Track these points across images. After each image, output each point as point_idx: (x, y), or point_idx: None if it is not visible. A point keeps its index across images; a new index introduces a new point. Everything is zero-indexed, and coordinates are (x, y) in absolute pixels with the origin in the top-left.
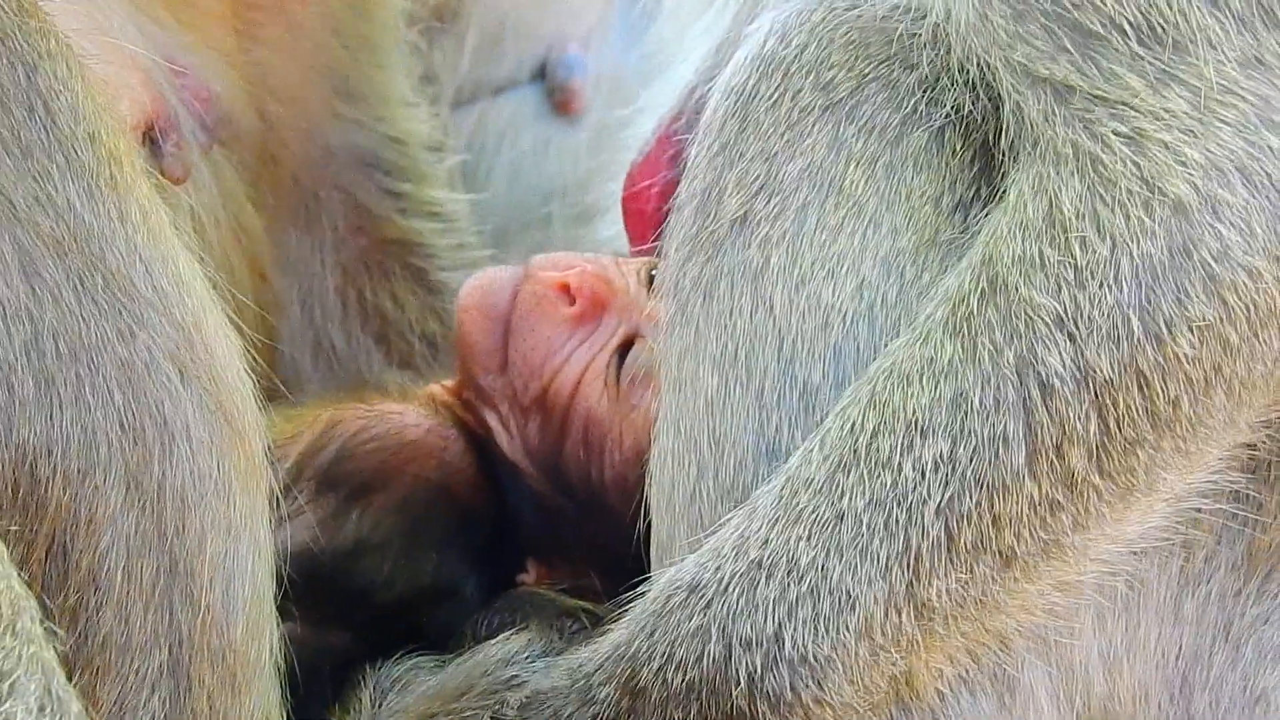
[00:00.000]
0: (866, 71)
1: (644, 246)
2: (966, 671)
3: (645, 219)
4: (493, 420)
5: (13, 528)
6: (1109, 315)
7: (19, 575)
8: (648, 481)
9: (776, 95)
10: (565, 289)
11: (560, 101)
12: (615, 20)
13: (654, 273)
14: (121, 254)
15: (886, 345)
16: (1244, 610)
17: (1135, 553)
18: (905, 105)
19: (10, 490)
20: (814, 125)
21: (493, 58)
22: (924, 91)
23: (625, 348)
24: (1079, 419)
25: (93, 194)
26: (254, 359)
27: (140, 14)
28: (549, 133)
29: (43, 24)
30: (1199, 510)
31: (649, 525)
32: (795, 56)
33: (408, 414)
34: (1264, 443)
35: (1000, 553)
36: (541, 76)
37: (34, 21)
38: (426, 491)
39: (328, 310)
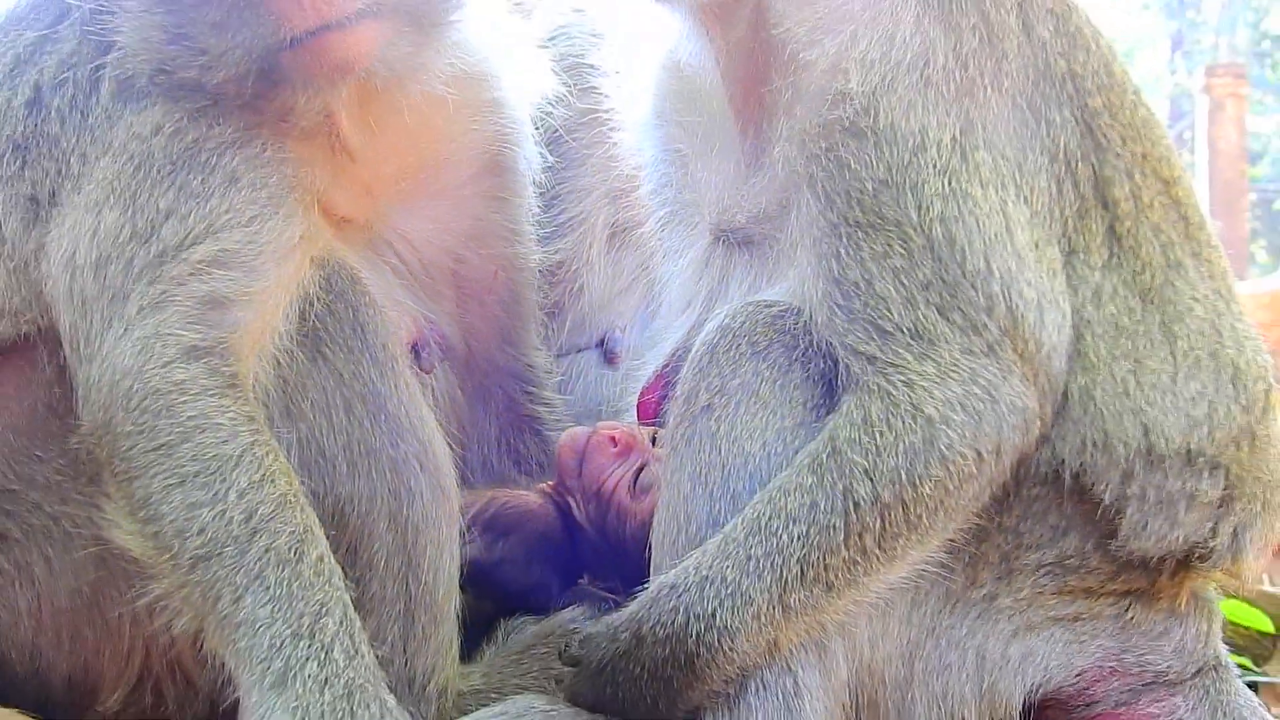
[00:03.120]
0: (773, 337)
1: (647, 423)
2: (805, 640)
3: (648, 411)
4: (572, 503)
5: (331, 532)
6: (890, 470)
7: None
8: (652, 535)
9: (729, 346)
10: (613, 439)
11: (609, 358)
12: (638, 318)
13: (655, 435)
14: (396, 404)
15: (777, 475)
16: (943, 624)
17: (891, 588)
18: (793, 355)
19: (331, 518)
20: (746, 361)
21: (577, 333)
22: (802, 353)
23: (640, 470)
24: (871, 520)
25: (384, 374)
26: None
27: (407, 288)
28: (603, 373)
29: (365, 288)
30: (924, 569)
31: (650, 557)
32: (739, 327)
33: (530, 496)
34: (959, 537)
35: (828, 583)
36: (601, 344)
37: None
38: (536, 535)
39: (489, 446)
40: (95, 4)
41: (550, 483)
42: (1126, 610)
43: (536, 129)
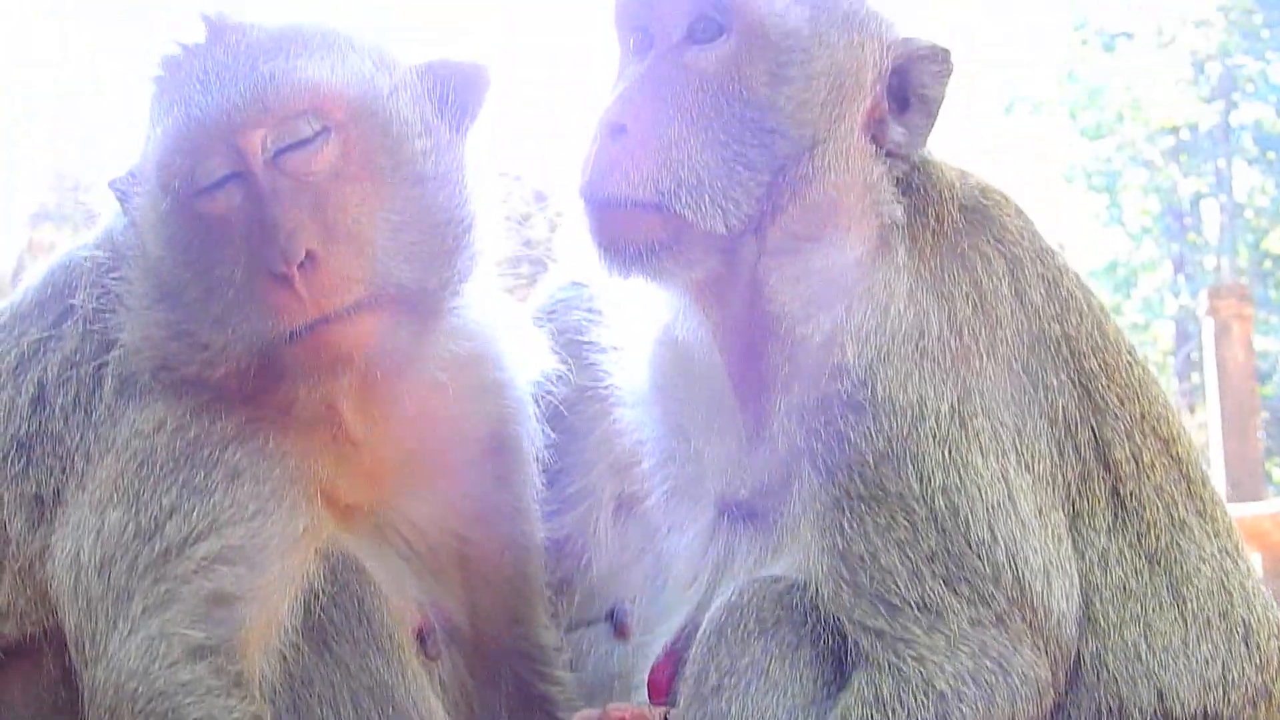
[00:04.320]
0: (780, 614)
1: (658, 703)
2: None
3: (659, 690)
4: None
5: None
6: None
7: None
8: None
9: (736, 624)
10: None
11: (619, 631)
12: (647, 588)
13: (667, 715)
14: (404, 695)
15: None
16: None
17: None
18: (801, 632)
19: None
20: (754, 640)
21: (586, 607)
22: (810, 629)
23: None
24: None
25: (390, 664)
26: None
27: (412, 572)
28: (612, 647)
29: (370, 577)
30: None
31: None
32: (746, 604)
33: None
34: None
35: None
36: (610, 617)
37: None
38: None
39: None
40: (97, 302)
41: None
42: None
43: (538, 406)
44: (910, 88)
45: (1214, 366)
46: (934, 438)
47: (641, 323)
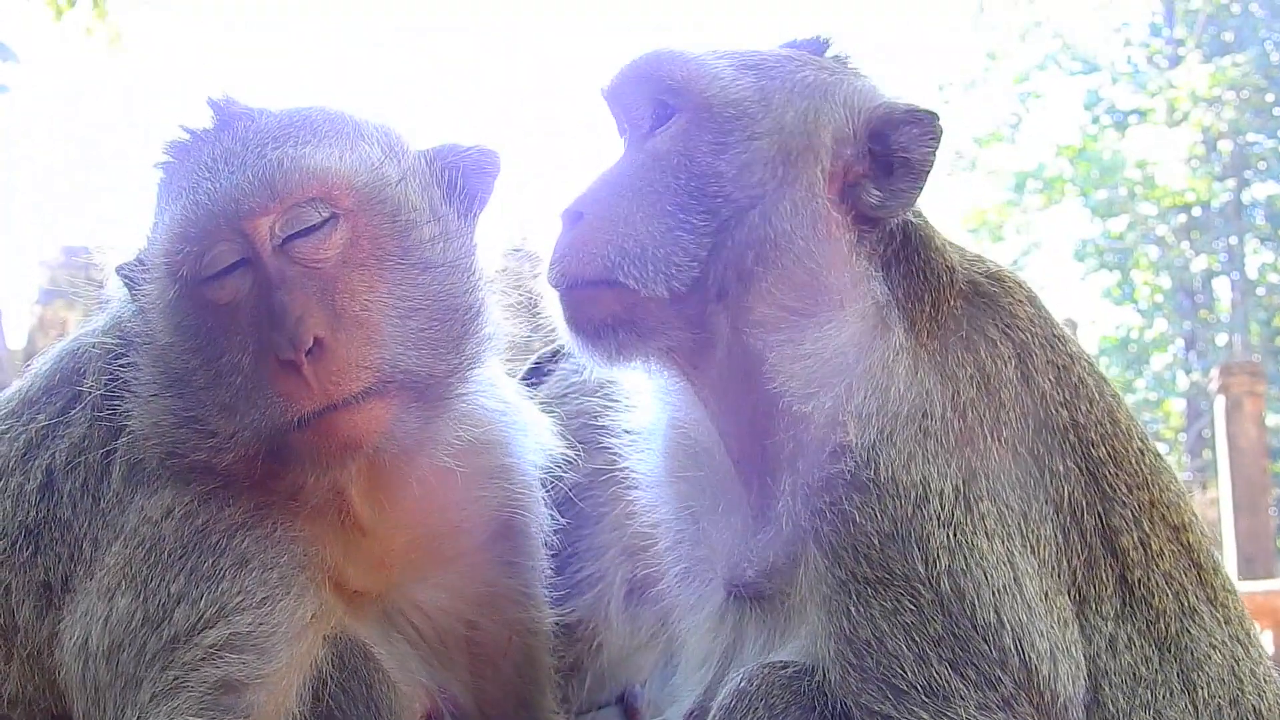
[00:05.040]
0: (789, 699)
1: None
2: None
3: None
4: None
5: None
6: None
7: None
8: None
9: (745, 711)
10: None
11: (630, 714)
12: (657, 674)
13: None
14: None
15: None
16: None
17: None
18: (809, 718)
19: None
20: None
21: (597, 690)
22: (819, 715)
23: None
24: None
25: None
26: None
27: (420, 658)
28: None
29: (379, 664)
30: None
31: None
32: (755, 690)
33: None
34: None
35: None
36: (621, 700)
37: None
38: None
39: None
40: (105, 389)
41: None
42: None
43: (547, 490)
44: (892, 151)
45: (1225, 443)
46: (939, 519)
47: (653, 405)
